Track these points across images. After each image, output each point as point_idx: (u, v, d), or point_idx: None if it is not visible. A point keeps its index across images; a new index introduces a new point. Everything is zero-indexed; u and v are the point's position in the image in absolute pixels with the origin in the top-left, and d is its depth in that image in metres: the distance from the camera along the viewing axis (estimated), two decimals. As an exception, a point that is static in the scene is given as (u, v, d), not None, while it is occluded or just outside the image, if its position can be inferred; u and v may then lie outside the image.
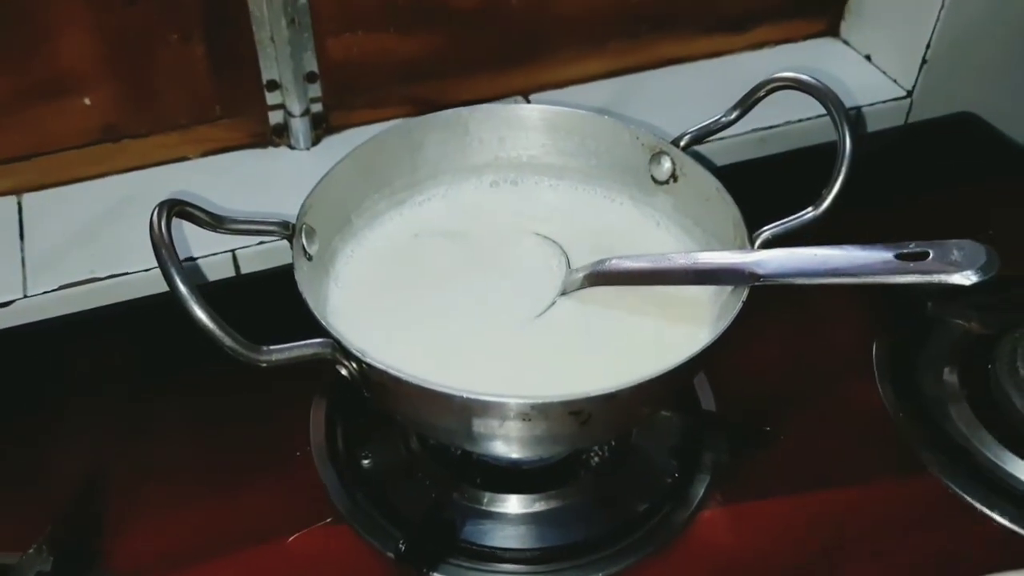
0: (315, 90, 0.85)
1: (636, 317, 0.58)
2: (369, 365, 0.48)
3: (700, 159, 0.62)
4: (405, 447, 0.62)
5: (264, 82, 0.83)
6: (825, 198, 0.55)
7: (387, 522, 0.58)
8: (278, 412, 0.63)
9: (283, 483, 0.60)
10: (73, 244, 0.77)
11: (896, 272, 0.48)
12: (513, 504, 0.60)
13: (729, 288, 0.54)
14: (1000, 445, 0.63)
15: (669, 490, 0.61)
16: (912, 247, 0.49)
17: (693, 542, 0.59)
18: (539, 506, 0.60)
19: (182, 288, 0.45)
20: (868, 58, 0.99)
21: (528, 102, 0.93)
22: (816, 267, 0.50)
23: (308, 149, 0.87)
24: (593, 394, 0.47)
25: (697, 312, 0.58)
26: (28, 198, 0.80)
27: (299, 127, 0.85)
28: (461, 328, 0.58)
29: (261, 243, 0.77)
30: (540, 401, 0.47)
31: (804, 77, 0.58)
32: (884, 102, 0.94)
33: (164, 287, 0.77)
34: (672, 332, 0.57)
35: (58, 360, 0.70)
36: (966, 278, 0.47)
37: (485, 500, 0.60)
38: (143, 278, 0.75)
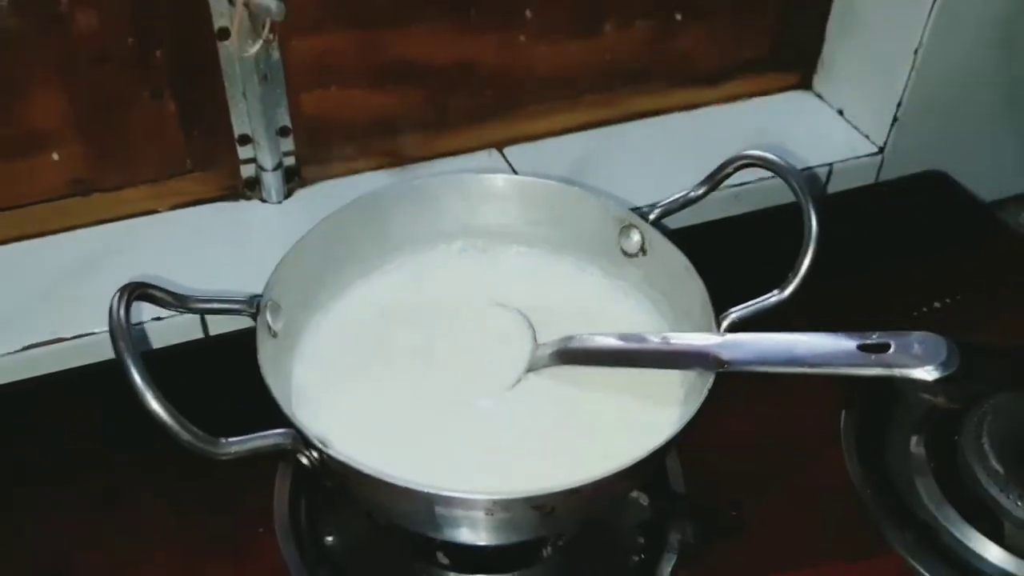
0: (287, 144, 0.85)
1: (604, 394, 0.58)
2: (330, 456, 0.48)
3: (672, 231, 0.63)
4: (370, 524, 0.62)
5: (236, 136, 0.82)
6: (791, 281, 0.56)
7: (349, 603, 0.57)
8: (243, 483, 0.62)
9: (243, 563, 0.59)
10: (39, 301, 0.76)
11: (858, 364, 0.48)
12: (479, 584, 0.59)
13: (694, 377, 0.54)
14: (964, 522, 0.63)
15: (636, 569, 0.60)
16: (875, 338, 0.49)
17: (660, 621, 0.59)
18: (505, 586, 0.59)
19: (139, 381, 0.44)
20: (840, 112, 1.00)
21: (503, 155, 0.93)
22: (780, 356, 0.51)
23: (280, 202, 0.86)
24: (556, 490, 0.46)
25: (666, 391, 0.57)
26: (-7, 252, 0.79)
27: (271, 181, 0.85)
28: (426, 407, 0.57)
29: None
30: (502, 497, 0.46)
31: (771, 157, 0.58)
32: (856, 158, 0.95)
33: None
34: (641, 411, 0.57)
35: (21, 427, 0.68)
36: (927, 373, 0.47)
37: (449, 580, 0.59)
38: (102, 340, 0.74)
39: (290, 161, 0.85)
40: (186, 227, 0.83)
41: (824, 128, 0.98)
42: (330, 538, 0.61)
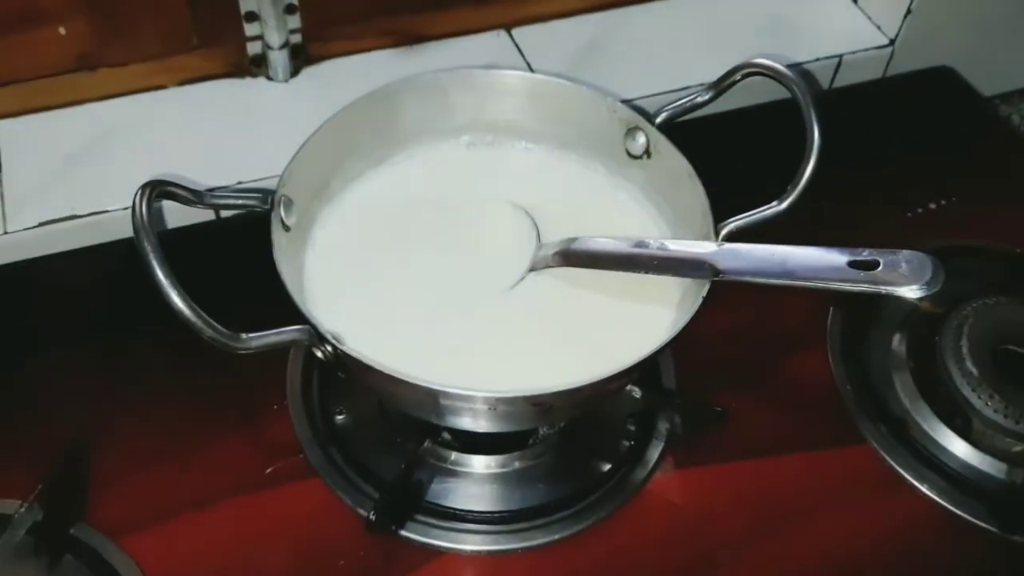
0: (294, 21, 0.84)
1: (604, 296, 0.60)
2: (344, 352, 0.51)
3: (682, 123, 0.63)
4: (378, 405, 0.65)
5: (242, 13, 0.81)
6: (790, 193, 0.57)
7: (359, 478, 0.62)
8: (256, 364, 0.65)
9: (259, 437, 0.63)
10: (52, 177, 0.77)
11: (847, 280, 0.51)
12: (479, 464, 0.63)
13: (690, 281, 0.56)
14: (936, 418, 0.67)
15: (626, 453, 0.65)
16: (865, 255, 0.51)
17: (649, 501, 0.63)
18: (505, 466, 0.64)
19: (163, 280, 0.47)
20: (855, 0, 0.98)
21: (511, 37, 0.92)
22: (773, 269, 0.53)
23: (286, 81, 0.86)
24: (554, 390, 0.50)
25: (663, 294, 0.60)
26: (5, 125, 0.80)
27: (277, 59, 0.85)
28: (433, 301, 0.60)
29: (240, 184, 0.78)
30: (504, 395, 0.50)
31: (777, 66, 0.58)
32: (866, 50, 0.94)
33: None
34: (639, 313, 0.60)
35: (38, 302, 0.71)
36: (912, 292, 0.49)
37: (452, 459, 0.63)
38: (125, 216, 0.75)
39: (297, 39, 0.85)
40: (193, 104, 0.84)
41: (837, 16, 0.97)
42: (340, 416, 0.65)
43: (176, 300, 0.47)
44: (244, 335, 0.49)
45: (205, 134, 0.81)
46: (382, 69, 0.87)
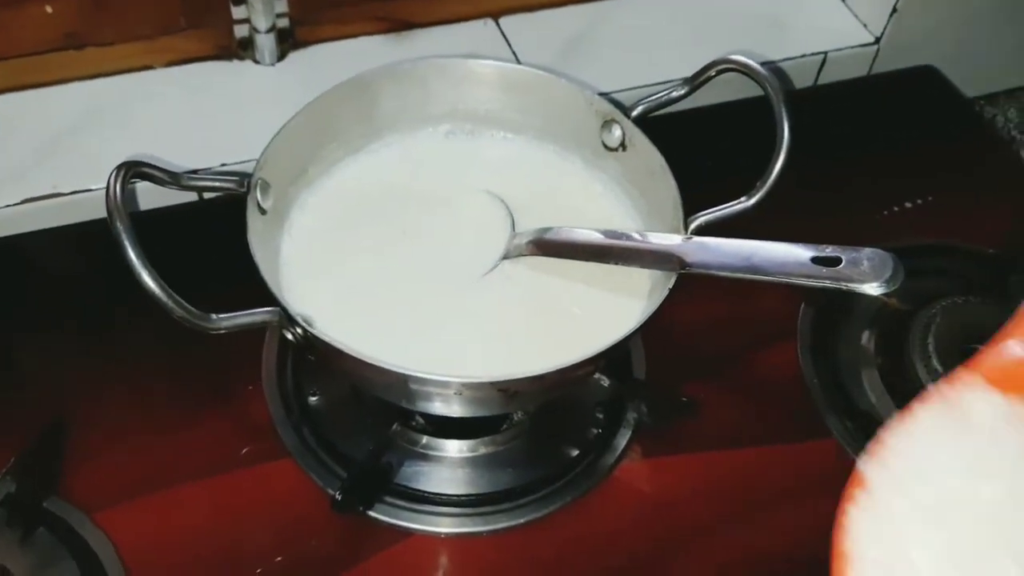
0: (281, 5, 0.84)
1: (575, 284, 0.61)
2: (313, 335, 0.52)
3: (660, 117, 0.64)
4: (351, 387, 0.66)
5: (230, -5, 0.82)
6: (759, 190, 0.58)
7: (330, 459, 0.63)
8: (233, 345, 0.66)
9: (233, 417, 0.64)
10: (37, 155, 0.78)
11: (810, 276, 0.52)
12: (450, 448, 0.65)
13: (660, 272, 0.57)
14: (901, 414, 0.68)
15: (594, 441, 0.66)
16: (828, 251, 0.52)
17: (615, 488, 0.64)
18: (475, 451, 0.65)
19: (134, 258, 0.47)
20: (842, -3, 0.99)
21: (498, 26, 0.92)
22: (738, 263, 0.54)
23: (273, 64, 0.87)
24: (519, 376, 0.51)
25: (633, 284, 0.61)
26: (-9, 101, 0.81)
27: (264, 42, 0.85)
28: (406, 287, 0.61)
29: (223, 166, 0.78)
30: (470, 381, 0.51)
31: (750, 63, 0.59)
32: (852, 48, 0.95)
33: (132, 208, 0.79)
34: (608, 303, 0.61)
35: (19, 279, 0.72)
36: (873, 289, 0.50)
37: (423, 442, 0.64)
38: (91, 197, 0.76)
39: (284, 23, 0.85)
40: (179, 85, 0.84)
41: (824, 14, 0.97)
42: (314, 398, 0.66)
43: (147, 279, 0.48)
44: (214, 315, 0.50)
45: (191, 116, 0.82)
46: (370, 55, 0.88)
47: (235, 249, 0.54)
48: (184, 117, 0.82)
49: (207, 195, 0.78)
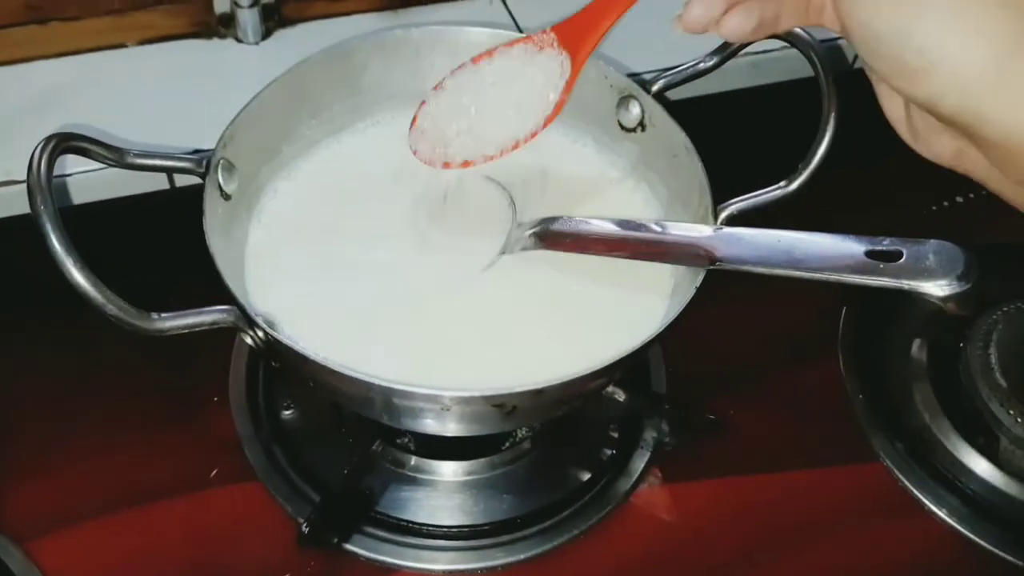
0: (266, -22, 0.77)
1: (586, 283, 0.54)
2: (275, 338, 0.44)
3: (679, 102, 0.56)
4: (331, 400, 0.58)
5: (209, -34, 0.75)
6: (800, 173, 0.50)
7: (303, 482, 0.55)
8: (197, 351, 0.59)
9: (195, 433, 0.57)
10: (-9, 138, 0.70)
11: (864, 273, 0.44)
12: (442, 470, 0.57)
13: (685, 270, 0.49)
14: (958, 435, 0.61)
15: (608, 463, 0.58)
16: (886, 244, 0.44)
17: (631, 517, 0.57)
18: (470, 473, 0.57)
19: (59, 248, 0.40)
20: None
21: (505, 3, 0.85)
22: (778, 257, 0.46)
23: (257, 43, 0.80)
24: (517, 390, 0.43)
25: (653, 282, 0.53)
26: (-57, 82, 0.73)
27: (247, 18, 0.78)
28: (393, 287, 0.53)
29: (196, 152, 0.71)
30: (457, 394, 0.43)
31: (795, 29, 0.51)
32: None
33: (91, 196, 0.72)
34: (624, 304, 0.53)
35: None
36: (940, 288, 0.42)
37: (411, 464, 0.56)
38: (62, 184, 0.69)
39: (269, -2, 0.78)
40: (153, 65, 0.77)
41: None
42: (288, 412, 0.58)
43: (73, 271, 0.40)
44: (156, 315, 0.42)
45: (165, 97, 0.75)
46: (361, 33, 0.80)
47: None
48: (158, 99, 0.75)
49: (179, 182, 0.71)
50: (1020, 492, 0.59)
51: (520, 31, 0.81)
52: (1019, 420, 0.58)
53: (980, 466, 0.60)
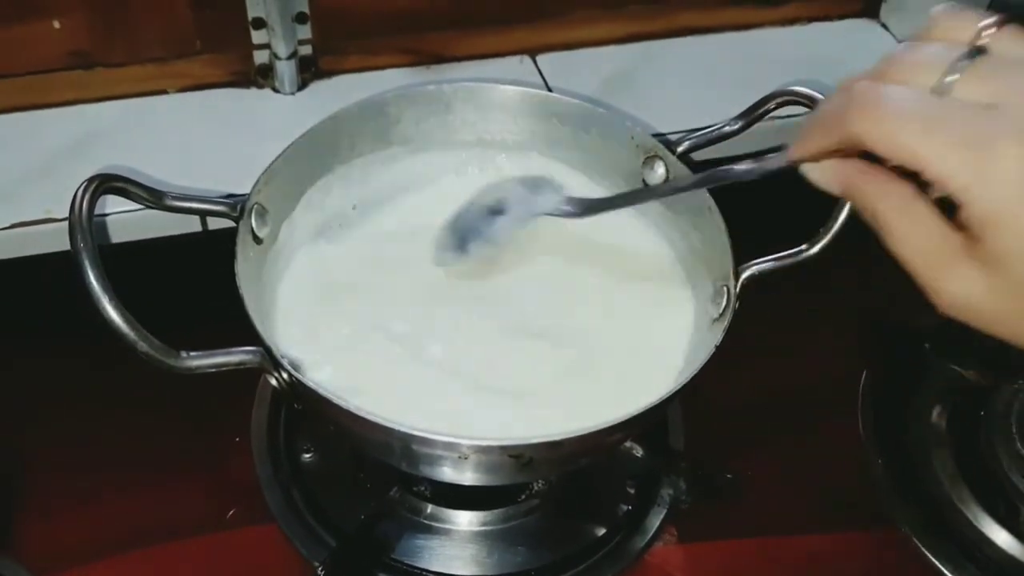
0: (304, 32, 0.79)
1: (610, 340, 0.54)
2: (298, 380, 0.44)
3: (703, 163, 0.57)
4: (351, 446, 0.59)
5: (250, 19, 0.77)
6: (822, 237, 0.51)
7: (320, 526, 0.55)
8: (221, 392, 0.59)
9: (215, 474, 0.57)
10: (33, 177, 0.72)
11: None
12: (457, 519, 0.57)
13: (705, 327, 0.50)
14: (979, 505, 0.60)
15: (623, 519, 0.57)
16: None
17: (645, 575, 0.56)
18: (486, 524, 0.57)
19: (96, 286, 0.41)
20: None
21: (535, 63, 0.87)
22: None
23: (293, 94, 0.82)
24: (533, 441, 0.43)
25: (674, 339, 0.53)
26: (-8, 120, 0.76)
27: (285, 70, 0.80)
28: (422, 337, 0.53)
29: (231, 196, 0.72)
30: (474, 443, 0.43)
31: (815, 94, 0.52)
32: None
33: (127, 236, 0.74)
34: (647, 360, 0.53)
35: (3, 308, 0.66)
36: None
37: (427, 512, 0.57)
38: (101, 224, 0.70)
39: (306, 50, 0.80)
40: (192, 111, 0.79)
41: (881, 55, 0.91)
42: (308, 455, 0.59)
43: (106, 306, 0.41)
44: (184, 353, 0.43)
45: (201, 143, 0.77)
46: (395, 87, 0.82)
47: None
48: (195, 145, 0.76)
49: (212, 225, 0.72)
50: (1041, 565, 0.58)
51: (549, 89, 0.83)
52: (1040, 491, 0.58)
53: (1000, 536, 0.59)
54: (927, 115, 0.30)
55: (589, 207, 0.47)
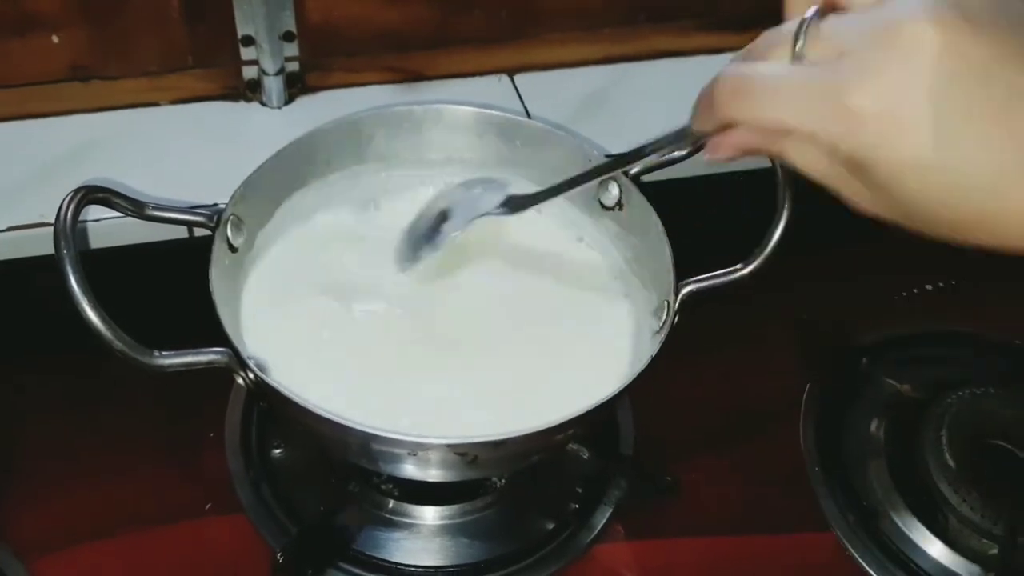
0: (292, 49, 0.83)
1: (558, 350, 0.58)
2: (262, 380, 0.48)
3: (664, 182, 0.61)
4: (318, 444, 0.63)
5: (239, 36, 0.81)
6: (756, 257, 0.54)
7: (287, 517, 0.59)
8: (199, 390, 0.63)
9: (188, 464, 0.61)
10: (29, 183, 0.76)
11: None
12: (417, 514, 0.60)
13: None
14: (910, 512, 0.63)
15: (572, 516, 0.61)
16: None
17: (590, 570, 0.60)
18: (444, 519, 0.61)
19: (76, 288, 0.45)
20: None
21: (513, 82, 0.90)
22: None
23: (280, 108, 0.85)
24: (477, 440, 0.47)
25: (615, 352, 0.57)
26: (-9, 128, 0.80)
27: (272, 85, 0.84)
28: (381, 343, 0.57)
29: (215, 205, 0.76)
30: (422, 441, 0.47)
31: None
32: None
33: (116, 241, 0.77)
34: (592, 370, 0.57)
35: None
36: None
37: (390, 507, 0.60)
38: (94, 228, 0.74)
39: (293, 67, 0.84)
40: (183, 123, 0.83)
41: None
42: (277, 451, 0.62)
43: (86, 308, 0.45)
44: (157, 352, 0.47)
45: (190, 154, 0.80)
46: (378, 104, 0.86)
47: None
48: (185, 155, 0.80)
49: (197, 233, 0.76)
50: (965, 570, 0.61)
51: (526, 109, 0.87)
52: (965, 500, 0.61)
53: (928, 543, 0.62)
54: (782, 85, 0.33)
55: (518, 204, 0.50)
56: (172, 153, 0.80)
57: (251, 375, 0.49)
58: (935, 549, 0.62)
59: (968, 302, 0.76)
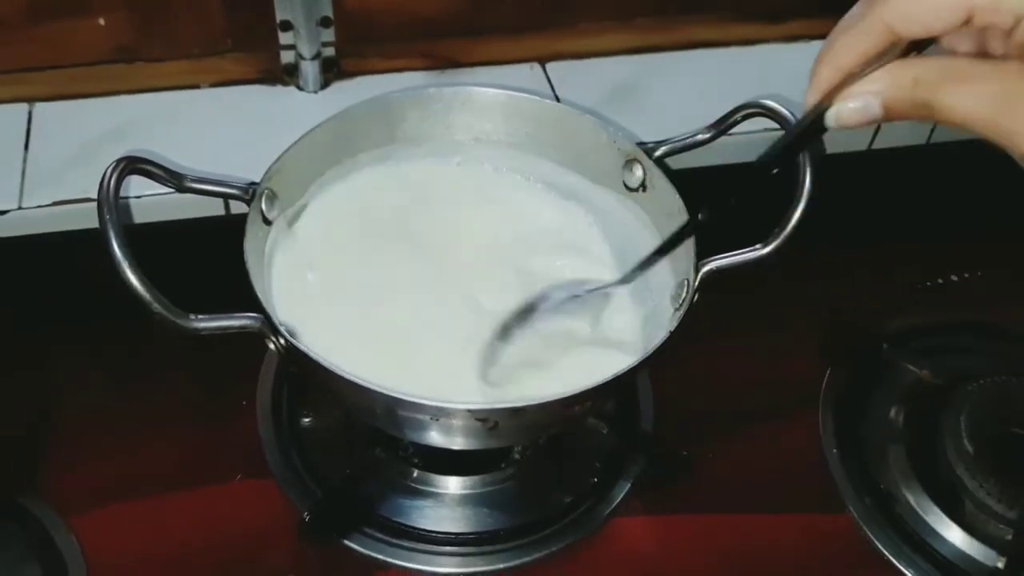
0: (328, 35, 0.85)
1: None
2: (293, 345, 0.50)
3: (691, 170, 0.62)
4: (346, 412, 0.65)
5: (277, 21, 0.83)
6: (776, 237, 0.55)
7: (314, 483, 0.61)
8: (233, 359, 0.65)
9: (222, 431, 0.63)
10: (75, 160, 0.79)
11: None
12: (440, 483, 0.62)
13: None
14: (927, 497, 0.63)
15: (591, 489, 0.62)
16: None
17: (607, 542, 0.61)
18: (466, 488, 0.62)
19: (117, 252, 0.47)
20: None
21: (544, 70, 0.92)
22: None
23: (316, 92, 0.87)
24: (497, 406, 0.48)
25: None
26: (39, 108, 0.83)
27: (309, 70, 0.86)
28: (411, 312, 0.59)
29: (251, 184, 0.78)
30: (444, 405, 0.48)
31: (776, 107, 0.57)
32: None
33: (157, 216, 0.80)
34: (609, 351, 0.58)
35: (42, 278, 0.72)
36: None
37: (414, 476, 0.62)
38: (135, 204, 0.77)
39: (329, 52, 0.86)
40: (222, 105, 0.85)
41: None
42: (307, 419, 0.64)
43: (127, 272, 0.47)
44: (193, 315, 0.49)
45: (229, 135, 0.82)
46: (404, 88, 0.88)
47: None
48: (223, 136, 0.82)
49: (234, 209, 0.78)
50: (984, 556, 0.61)
51: (557, 98, 0.88)
52: (983, 485, 0.61)
53: (947, 529, 0.62)
54: None
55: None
56: (211, 134, 0.82)
57: (282, 340, 0.51)
58: (952, 533, 0.62)
59: (993, 293, 0.76)
